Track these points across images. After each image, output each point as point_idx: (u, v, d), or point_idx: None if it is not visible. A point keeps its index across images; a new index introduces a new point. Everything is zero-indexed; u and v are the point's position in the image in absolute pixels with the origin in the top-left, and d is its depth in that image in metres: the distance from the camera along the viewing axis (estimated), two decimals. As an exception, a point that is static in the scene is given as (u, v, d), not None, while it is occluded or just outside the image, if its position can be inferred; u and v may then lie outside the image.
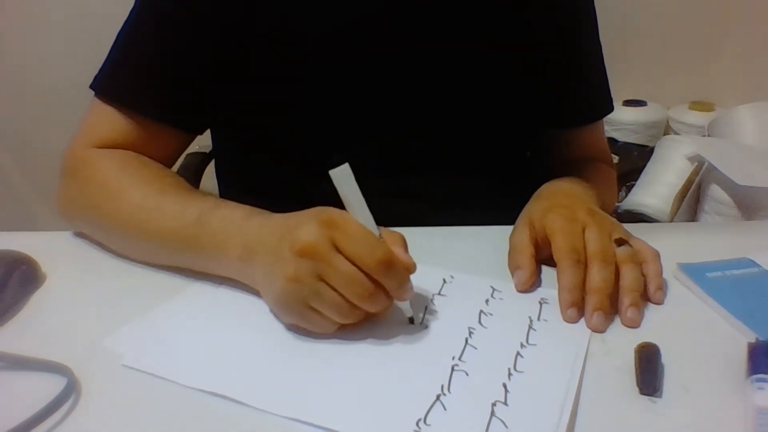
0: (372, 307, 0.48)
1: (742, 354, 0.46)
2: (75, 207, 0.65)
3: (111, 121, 0.66)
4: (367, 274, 0.46)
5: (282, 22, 0.67)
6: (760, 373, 0.43)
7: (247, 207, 0.57)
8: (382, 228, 0.49)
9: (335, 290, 0.46)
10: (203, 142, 0.95)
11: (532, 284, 0.57)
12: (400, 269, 0.47)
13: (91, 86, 0.67)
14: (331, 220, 0.47)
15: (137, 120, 0.66)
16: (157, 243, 0.59)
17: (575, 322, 0.52)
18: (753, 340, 0.47)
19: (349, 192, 0.47)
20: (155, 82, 0.66)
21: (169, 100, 0.66)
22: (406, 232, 0.54)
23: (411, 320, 0.52)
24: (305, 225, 0.47)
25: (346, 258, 0.46)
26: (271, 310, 0.52)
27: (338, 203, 0.49)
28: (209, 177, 0.97)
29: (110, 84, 0.66)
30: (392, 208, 0.53)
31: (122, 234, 0.61)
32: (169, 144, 0.69)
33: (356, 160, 0.55)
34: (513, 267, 0.59)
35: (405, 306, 0.52)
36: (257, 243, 0.51)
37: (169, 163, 0.71)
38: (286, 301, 0.48)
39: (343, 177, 0.46)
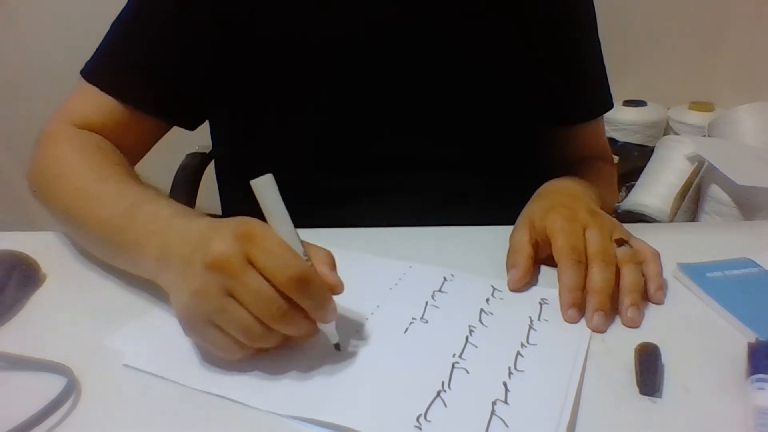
0: (287, 328, 0.43)
1: (742, 354, 0.46)
2: (34, 182, 0.65)
3: (92, 101, 0.67)
4: (282, 293, 0.42)
5: (283, 26, 0.67)
6: (760, 373, 0.43)
7: (179, 206, 0.53)
8: (311, 244, 0.46)
9: (245, 308, 0.42)
10: (203, 142, 0.95)
11: (525, 284, 0.57)
12: (317, 287, 0.43)
13: (81, 71, 0.68)
14: (247, 233, 0.43)
15: (117, 104, 0.66)
16: (88, 230, 0.57)
17: (576, 322, 0.52)
18: (753, 340, 0.47)
19: (270, 203, 0.43)
20: (138, 70, 0.67)
21: (151, 88, 0.67)
22: (407, 231, 0.54)
23: (337, 347, 0.47)
24: (219, 236, 0.43)
25: (260, 273, 0.42)
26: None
27: (342, 205, 0.48)
28: (209, 177, 0.97)
29: (95, 68, 0.68)
30: (394, 204, 0.53)
31: (64, 217, 0.60)
32: (145, 131, 0.70)
33: (358, 158, 0.55)
34: (509, 266, 0.59)
35: (329, 330, 0.46)
36: (174, 248, 0.47)
37: (142, 151, 0.71)
38: (189, 316, 0.44)
39: (265, 187, 0.43)
